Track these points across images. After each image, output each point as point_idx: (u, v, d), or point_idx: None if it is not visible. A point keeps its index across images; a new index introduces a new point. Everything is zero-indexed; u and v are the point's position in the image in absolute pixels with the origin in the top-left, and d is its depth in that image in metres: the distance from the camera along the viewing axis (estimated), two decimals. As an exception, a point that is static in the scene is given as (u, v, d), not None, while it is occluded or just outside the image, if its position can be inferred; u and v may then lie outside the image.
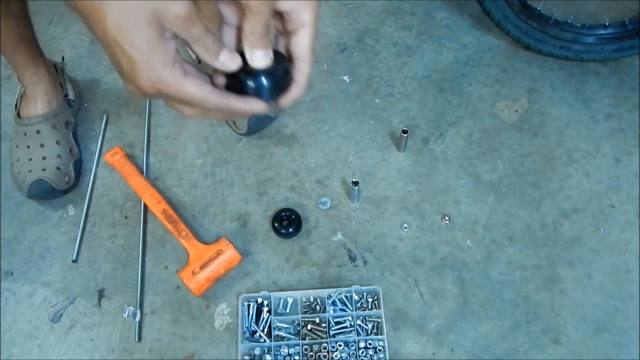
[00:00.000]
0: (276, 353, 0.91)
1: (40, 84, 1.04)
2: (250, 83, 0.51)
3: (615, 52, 1.18)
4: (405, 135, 1.07)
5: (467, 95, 1.20)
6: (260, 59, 0.50)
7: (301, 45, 0.52)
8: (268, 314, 0.94)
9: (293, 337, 0.93)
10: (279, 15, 0.51)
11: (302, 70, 0.53)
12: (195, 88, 0.48)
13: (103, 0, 0.43)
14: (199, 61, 0.99)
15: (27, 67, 1.02)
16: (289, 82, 0.54)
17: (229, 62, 0.50)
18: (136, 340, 0.94)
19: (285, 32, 0.53)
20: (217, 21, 0.51)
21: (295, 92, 0.54)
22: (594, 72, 1.22)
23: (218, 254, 0.95)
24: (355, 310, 0.94)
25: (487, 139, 1.14)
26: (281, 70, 0.52)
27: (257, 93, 0.51)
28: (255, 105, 0.51)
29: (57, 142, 1.06)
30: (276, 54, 0.51)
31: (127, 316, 0.94)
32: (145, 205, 1.05)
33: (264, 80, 0.51)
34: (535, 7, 1.16)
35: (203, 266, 0.94)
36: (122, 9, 0.43)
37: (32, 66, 1.02)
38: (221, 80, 0.52)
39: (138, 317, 0.95)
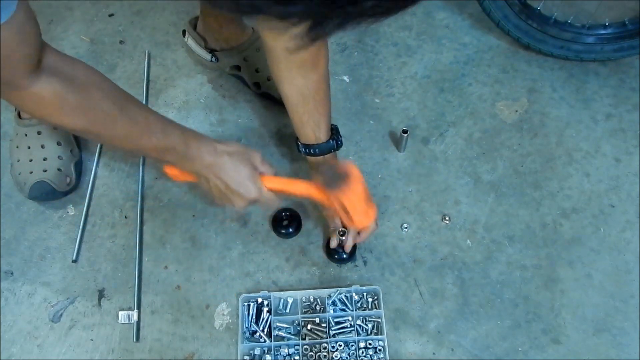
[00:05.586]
0: (276, 353, 0.91)
1: None
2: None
3: (615, 52, 1.18)
4: (405, 135, 1.07)
5: (467, 95, 1.20)
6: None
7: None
8: (268, 314, 0.94)
9: (293, 337, 0.93)
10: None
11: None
12: (268, 195, 0.87)
13: (221, 160, 0.82)
14: (216, 59, 1.15)
15: None
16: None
17: None
18: (134, 340, 0.94)
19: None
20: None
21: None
22: (594, 72, 1.22)
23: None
24: (355, 310, 0.94)
25: (487, 139, 1.14)
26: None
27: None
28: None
29: (58, 143, 1.06)
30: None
31: (122, 322, 0.94)
32: (142, 205, 1.05)
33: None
34: (535, 7, 1.16)
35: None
36: (233, 162, 0.83)
37: None
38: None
39: (135, 318, 0.95)
